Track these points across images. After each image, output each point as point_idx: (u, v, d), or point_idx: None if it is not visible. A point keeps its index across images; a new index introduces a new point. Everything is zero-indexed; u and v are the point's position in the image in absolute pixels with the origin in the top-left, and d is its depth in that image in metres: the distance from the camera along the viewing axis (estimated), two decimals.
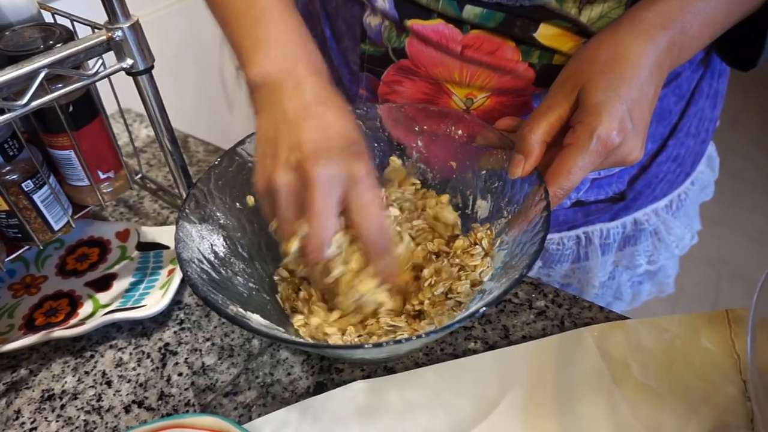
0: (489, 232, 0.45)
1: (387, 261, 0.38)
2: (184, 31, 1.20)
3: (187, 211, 0.39)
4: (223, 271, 0.40)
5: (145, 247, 0.54)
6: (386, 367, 0.44)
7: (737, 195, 1.88)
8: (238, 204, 0.44)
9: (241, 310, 0.37)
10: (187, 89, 1.29)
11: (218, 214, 0.42)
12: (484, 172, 0.46)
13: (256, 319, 0.38)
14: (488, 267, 0.43)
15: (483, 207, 0.46)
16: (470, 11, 0.45)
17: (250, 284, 0.42)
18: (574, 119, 0.38)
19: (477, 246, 0.44)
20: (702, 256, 1.65)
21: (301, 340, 0.40)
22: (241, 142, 0.44)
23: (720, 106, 0.59)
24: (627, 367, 0.41)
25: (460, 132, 0.47)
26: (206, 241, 0.40)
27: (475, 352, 0.44)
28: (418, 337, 0.32)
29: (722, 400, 0.38)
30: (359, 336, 0.41)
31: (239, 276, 0.42)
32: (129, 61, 0.39)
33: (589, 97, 0.37)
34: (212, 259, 0.40)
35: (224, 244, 0.42)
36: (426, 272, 0.44)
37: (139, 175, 0.53)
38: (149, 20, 1.13)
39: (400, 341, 0.33)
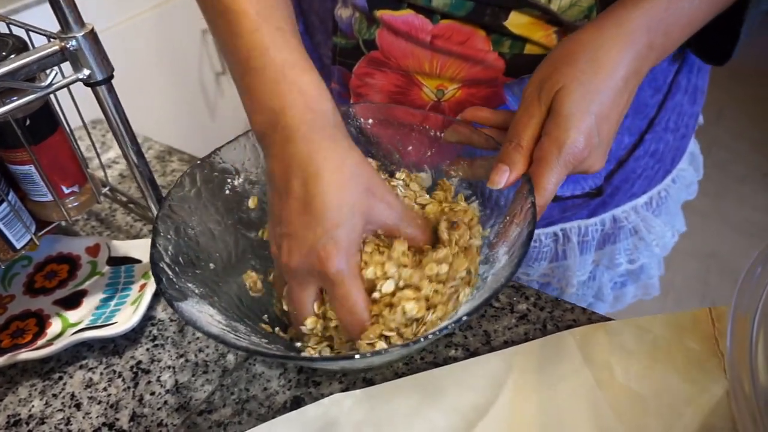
0: (449, 183, 0.45)
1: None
2: (162, 39, 1.19)
3: (169, 292, 0.36)
4: (240, 329, 0.39)
5: (116, 261, 0.53)
6: (365, 379, 0.42)
7: (723, 188, 1.89)
8: (198, 271, 0.41)
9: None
10: (166, 97, 1.27)
11: (189, 284, 0.39)
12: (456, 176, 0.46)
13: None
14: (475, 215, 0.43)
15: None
16: (440, 0, 0.44)
17: (253, 338, 0.40)
18: (544, 128, 0.38)
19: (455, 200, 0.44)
20: (690, 250, 1.65)
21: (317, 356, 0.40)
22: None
23: (701, 103, 0.58)
24: (610, 370, 0.40)
25: (435, 130, 0.46)
26: (205, 315, 0.37)
27: (456, 359, 0.43)
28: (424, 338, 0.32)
29: (707, 401, 0.37)
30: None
31: (249, 333, 0.40)
32: (86, 72, 0.38)
33: (561, 106, 0.37)
34: (224, 326, 0.38)
35: (216, 312, 0.39)
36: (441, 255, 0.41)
37: (107, 188, 0.51)
38: (126, 27, 1.12)
39: (419, 340, 0.32)
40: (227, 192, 0.45)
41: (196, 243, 0.42)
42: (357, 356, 0.33)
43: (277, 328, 0.42)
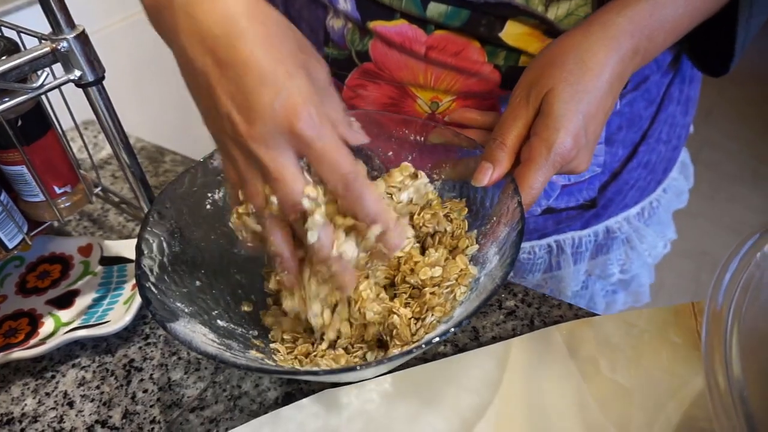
0: (459, 201, 0.44)
1: (368, 204, 0.33)
2: (155, 39, 1.19)
3: (160, 314, 0.35)
4: (233, 346, 0.39)
5: (109, 261, 0.53)
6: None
7: (714, 187, 1.91)
8: (185, 289, 0.41)
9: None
10: (159, 97, 1.27)
11: (178, 304, 0.38)
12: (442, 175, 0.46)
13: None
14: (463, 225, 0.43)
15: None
16: (434, 9, 0.44)
17: (248, 354, 0.40)
18: (533, 128, 0.38)
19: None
20: (681, 249, 1.66)
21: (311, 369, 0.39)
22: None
23: (692, 113, 0.59)
24: (596, 365, 0.41)
25: (416, 135, 0.46)
26: (198, 335, 0.37)
27: (445, 355, 0.44)
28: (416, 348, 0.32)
29: (689, 393, 0.38)
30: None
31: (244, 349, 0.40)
32: (77, 73, 0.38)
33: (550, 107, 0.38)
34: (218, 345, 0.37)
35: (208, 330, 0.39)
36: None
37: (99, 188, 0.52)
38: (118, 28, 1.12)
39: (400, 355, 0.33)
40: (208, 207, 0.45)
41: (181, 261, 0.42)
42: (358, 368, 0.33)
43: (272, 344, 0.42)
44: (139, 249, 0.38)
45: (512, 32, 0.44)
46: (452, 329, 0.33)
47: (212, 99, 0.31)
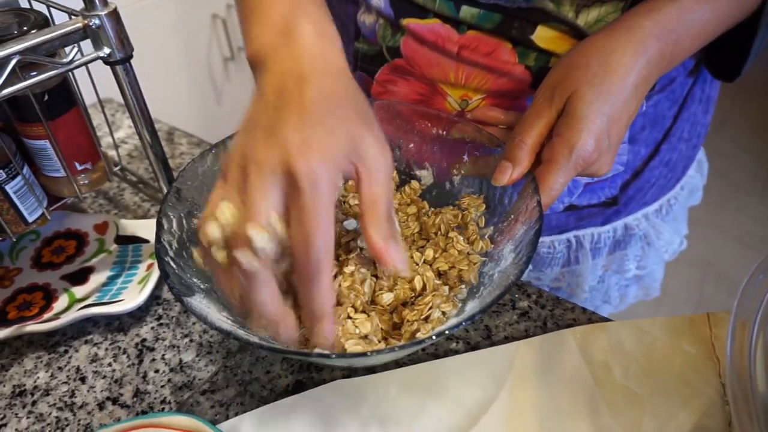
0: (477, 197, 0.44)
1: (316, 290, 0.31)
2: (171, 21, 1.19)
3: (177, 287, 0.36)
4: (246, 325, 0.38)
5: (124, 240, 0.53)
6: (366, 367, 0.43)
7: (723, 197, 1.90)
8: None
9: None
10: (174, 80, 1.27)
11: (194, 280, 0.39)
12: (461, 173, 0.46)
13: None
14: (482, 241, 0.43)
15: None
16: (467, 12, 0.44)
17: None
18: (555, 129, 0.38)
19: (466, 213, 0.44)
20: (687, 258, 1.65)
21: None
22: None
23: (711, 112, 0.59)
24: (608, 370, 0.41)
25: (438, 128, 0.46)
26: (213, 311, 0.37)
27: (456, 352, 0.44)
28: (417, 343, 0.32)
29: (701, 403, 0.38)
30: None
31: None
32: (106, 50, 0.38)
33: (573, 108, 0.37)
34: (232, 322, 0.37)
35: (222, 307, 0.39)
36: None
37: (119, 167, 0.52)
38: (137, 8, 1.12)
39: (394, 348, 0.32)
40: None
41: (199, 238, 0.42)
42: (369, 354, 0.33)
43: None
44: (159, 224, 0.39)
45: (543, 35, 0.44)
46: (463, 323, 0.33)
47: (255, 121, 0.32)
